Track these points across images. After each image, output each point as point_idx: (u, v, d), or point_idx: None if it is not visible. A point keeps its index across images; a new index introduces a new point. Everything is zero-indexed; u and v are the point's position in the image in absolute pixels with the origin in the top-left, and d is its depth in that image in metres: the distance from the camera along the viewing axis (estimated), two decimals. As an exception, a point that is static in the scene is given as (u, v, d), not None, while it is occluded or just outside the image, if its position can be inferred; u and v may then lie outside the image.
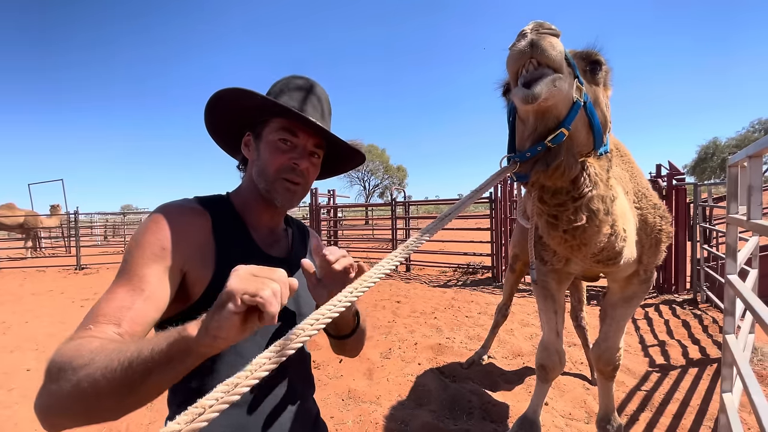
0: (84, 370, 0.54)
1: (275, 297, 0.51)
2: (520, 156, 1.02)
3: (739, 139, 37.27)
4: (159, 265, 0.73)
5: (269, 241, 0.94)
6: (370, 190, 41.86)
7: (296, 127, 0.88)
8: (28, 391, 3.19)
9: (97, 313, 0.67)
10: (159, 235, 0.75)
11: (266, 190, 0.88)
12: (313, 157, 0.92)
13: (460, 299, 5.95)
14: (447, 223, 0.75)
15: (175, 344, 0.53)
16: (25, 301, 6.58)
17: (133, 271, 0.71)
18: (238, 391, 0.48)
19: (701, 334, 4.09)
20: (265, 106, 0.86)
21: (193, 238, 0.79)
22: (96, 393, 0.53)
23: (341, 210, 12.37)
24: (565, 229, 1.20)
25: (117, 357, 0.54)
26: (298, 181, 0.89)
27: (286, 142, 0.88)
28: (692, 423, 2.51)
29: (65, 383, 0.55)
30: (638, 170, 1.93)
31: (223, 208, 0.88)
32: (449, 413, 2.70)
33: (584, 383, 3.14)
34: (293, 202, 0.91)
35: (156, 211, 0.79)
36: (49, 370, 0.58)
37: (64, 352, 0.59)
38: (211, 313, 0.53)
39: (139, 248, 0.73)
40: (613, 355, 2.00)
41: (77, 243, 10.52)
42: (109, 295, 0.69)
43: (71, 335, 0.64)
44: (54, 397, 0.56)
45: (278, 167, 0.87)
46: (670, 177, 5.83)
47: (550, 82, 0.91)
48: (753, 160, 1.43)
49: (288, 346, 0.53)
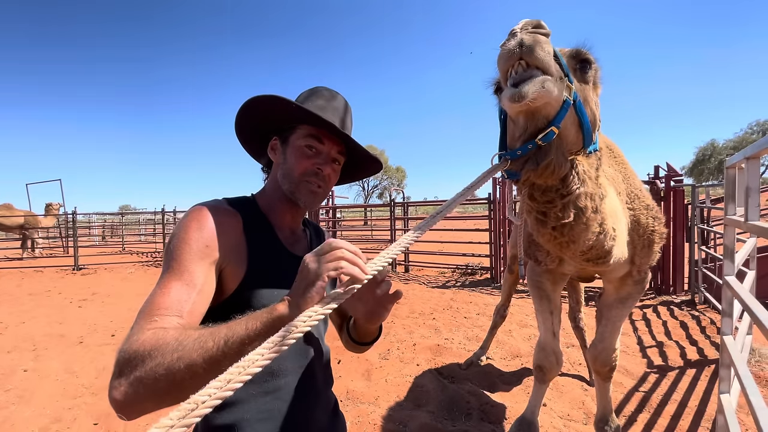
0: (176, 353, 0.60)
1: (354, 265, 0.63)
2: (510, 154, 1.03)
3: (736, 140, 37.31)
4: (205, 261, 0.79)
5: (291, 240, 1.00)
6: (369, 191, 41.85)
7: (322, 134, 0.94)
8: (25, 392, 3.18)
9: (159, 305, 0.71)
10: (203, 233, 0.80)
11: (291, 191, 0.94)
12: (335, 163, 0.98)
13: (458, 300, 5.96)
14: (438, 221, 0.76)
15: (269, 323, 0.61)
16: (23, 301, 6.56)
17: (184, 266, 0.76)
18: (230, 387, 0.49)
19: (699, 335, 4.10)
20: (296, 113, 0.91)
21: (229, 237, 0.84)
22: (191, 372, 0.59)
23: (340, 210, 12.37)
24: (554, 226, 1.20)
25: (210, 338, 0.61)
26: (321, 185, 0.96)
27: (312, 148, 0.94)
28: (690, 424, 2.51)
29: (158, 367, 0.60)
30: (632, 171, 1.93)
31: (251, 209, 0.95)
32: (447, 414, 2.70)
33: (582, 384, 3.14)
34: (315, 203, 0.97)
35: (195, 211, 0.84)
36: (130, 360, 0.62)
37: (145, 342, 0.63)
38: (300, 292, 0.63)
39: (185, 245, 0.78)
40: (609, 356, 2.00)
41: (75, 243, 10.50)
42: (164, 289, 0.73)
43: (138, 326, 0.68)
44: (142, 383, 0.60)
45: (303, 171, 0.93)
46: (668, 178, 5.84)
47: (539, 84, 0.91)
48: (751, 162, 1.43)
49: (281, 342, 0.53)
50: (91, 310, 5.96)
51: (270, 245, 0.92)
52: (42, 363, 3.82)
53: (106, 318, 5.44)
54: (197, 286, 0.76)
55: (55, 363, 3.81)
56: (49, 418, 2.80)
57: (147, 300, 0.73)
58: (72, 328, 4.98)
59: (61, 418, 2.80)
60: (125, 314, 5.59)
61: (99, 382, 3.36)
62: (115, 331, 4.81)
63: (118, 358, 0.63)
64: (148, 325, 0.67)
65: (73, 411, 2.90)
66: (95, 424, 2.73)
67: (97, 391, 3.20)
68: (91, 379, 3.42)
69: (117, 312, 5.76)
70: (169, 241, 0.81)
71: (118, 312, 5.76)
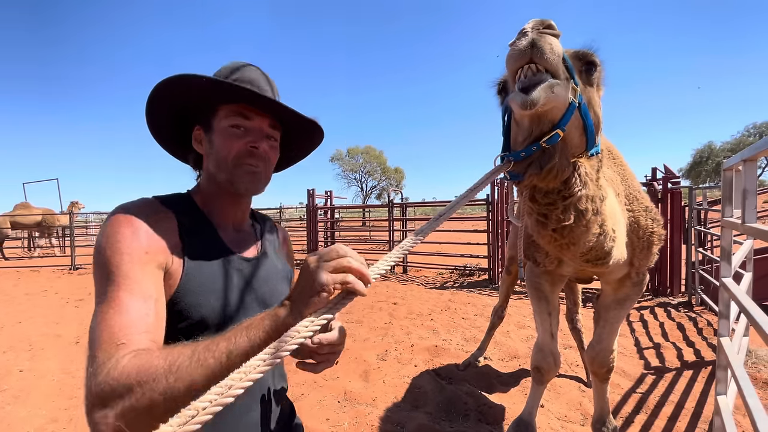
0: (172, 375, 0.57)
1: (359, 281, 0.62)
2: (514, 155, 1.02)
3: (734, 143, 37.46)
4: (149, 268, 0.71)
5: (237, 239, 0.91)
6: (368, 192, 41.80)
7: (247, 109, 0.84)
8: (21, 392, 3.16)
9: (119, 326, 0.64)
10: (139, 239, 0.72)
11: (228, 180, 0.84)
12: (271, 139, 0.88)
13: (456, 301, 5.96)
14: (441, 223, 0.75)
15: (272, 330, 0.60)
16: (19, 301, 6.53)
17: (130, 278, 0.68)
18: (232, 393, 0.48)
19: (696, 336, 4.11)
20: (209, 89, 0.80)
21: (164, 240, 0.76)
22: (191, 391, 0.56)
23: (338, 211, 12.37)
24: (554, 228, 1.20)
25: (209, 355, 0.58)
26: (259, 165, 0.86)
27: (240, 127, 0.83)
28: (687, 425, 2.52)
29: (152, 393, 0.57)
30: (630, 173, 1.94)
31: (187, 207, 0.85)
32: (445, 415, 2.70)
33: (580, 385, 3.14)
34: (258, 186, 0.88)
35: (122, 215, 0.74)
36: (114, 390, 0.58)
37: (127, 369, 0.59)
38: (303, 299, 0.61)
39: (124, 255, 0.69)
40: (607, 357, 2.01)
41: (72, 243, 10.44)
42: (117, 308, 0.66)
43: (104, 354, 0.61)
44: (135, 411, 0.57)
45: (236, 154, 0.83)
46: (666, 180, 5.87)
47: (548, 88, 0.91)
48: (748, 164, 1.43)
49: (282, 348, 0.53)
50: (88, 310, 5.87)
51: (210, 247, 0.83)
52: (38, 363, 3.80)
53: (103, 318, 5.41)
54: (152, 296, 0.69)
55: (52, 363, 3.80)
56: (45, 419, 2.78)
57: (97, 324, 0.64)
58: (68, 328, 4.95)
59: (57, 419, 2.78)
60: (122, 314, 5.56)
61: (95, 382, 3.34)
62: (112, 332, 4.77)
63: (97, 391, 0.58)
64: (119, 351, 0.61)
65: (70, 411, 2.88)
66: (92, 425, 2.71)
67: (93, 391, 3.18)
68: (88, 380, 3.40)
69: (114, 312, 5.72)
70: (98, 254, 0.70)
71: (115, 312, 5.72)
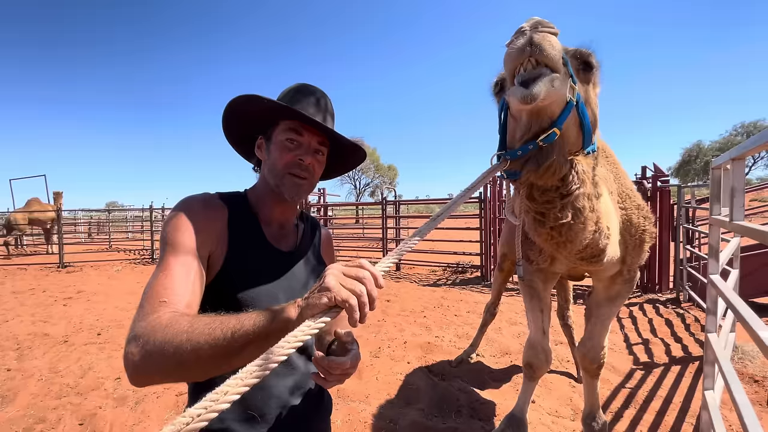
0: (186, 335, 0.63)
1: (359, 307, 0.61)
2: (511, 154, 1.02)
3: (722, 142, 38.07)
4: (196, 246, 0.84)
5: (278, 235, 1.04)
6: (361, 189, 41.74)
7: (301, 126, 0.96)
8: (8, 392, 3.11)
9: (164, 286, 0.75)
10: (193, 223, 0.85)
11: (276, 185, 0.97)
12: (318, 154, 1.00)
13: (449, 298, 5.99)
14: (440, 223, 0.76)
15: (275, 323, 0.63)
16: (6, 299, 6.41)
17: (180, 252, 0.81)
18: (227, 399, 0.49)
19: (684, 332, 4.18)
20: (272, 109, 0.95)
21: (216, 227, 0.90)
22: (196, 356, 0.62)
23: (331, 209, 12.32)
24: (552, 226, 1.21)
25: (218, 327, 0.64)
26: (305, 176, 0.98)
27: (293, 141, 0.96)
28: (675, 420, 2.56)
29: (167, 346, 0.63)
30: (623, 171, 1.95)
31: (240, 203, 0.99)
32: (438, 411, 2.71)
33: (570, 381, 3.18)
34: (301, 194, 1.00)
35: (186, 200, 0.91)
36: (146, 334, 0.65)
37: (161, 320, 0.67)
38: (308, 301, 0.63)
39: (178, 232, 0.83)
40: (597, 354, 2.03)
41: (60, 240, 10.28)
42: (166, 271, 0.78)
43: (150, 306, 0.71)
44: (152, 357, 0.64)
45: (286, 163, 0.96)
46: (655, 179, 5.95)
47: (549, 82, 0.90)
48: (736, 163, 1.45)
49: (277, 353, 0.53)
50: (77, 308, 5.84)
51: (252, 239, 0.96)
52: (26, 362, 3.74)
53: (92, 316, 5.34)
54: (194, 268, 0.81)
55: (39, 362, 3.73)
56: (33, 419, 2.74)
57: (151, 282, 0.77)
58: (57, 326, 4.88)
59: (45, 419, 2.74)
60: (112, 313, 5.50)
61: (84, 381, 3.30)
62: (100, 330, 4.71)
63: (136, 329, 0.67)
64: (160, 306, 0.71)
65: (58, 411, 2.84)
66: (80, 425, 2.68)
67: (82, 390, 3.14)
68: (76, 379, 3.35)
69: (103, 310, 5.65)
70: (162, 230, 0.86)
71: (104, 310, 5.65)
